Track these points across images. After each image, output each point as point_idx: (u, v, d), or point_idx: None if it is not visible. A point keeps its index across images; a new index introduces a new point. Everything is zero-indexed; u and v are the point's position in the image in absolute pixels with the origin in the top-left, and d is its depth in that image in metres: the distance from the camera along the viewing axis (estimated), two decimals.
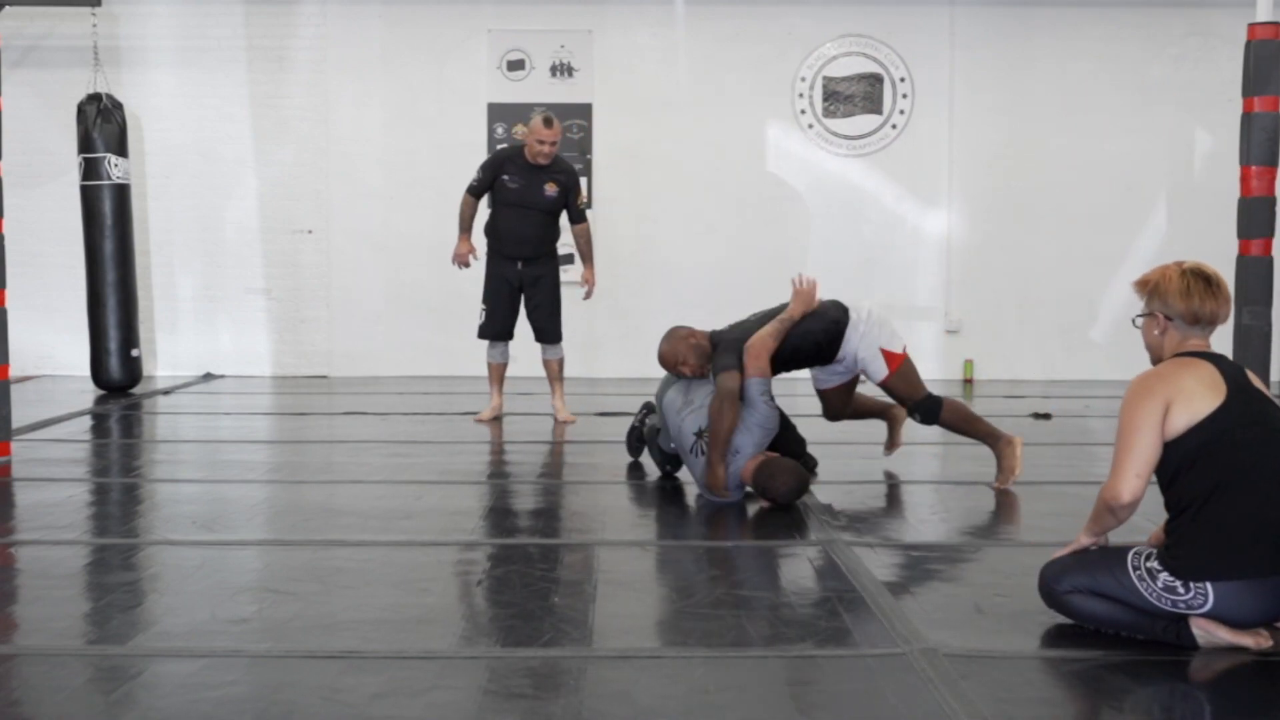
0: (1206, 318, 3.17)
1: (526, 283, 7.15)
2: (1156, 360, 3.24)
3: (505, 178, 7.01)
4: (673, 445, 5.18)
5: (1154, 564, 3.11)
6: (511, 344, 7.33)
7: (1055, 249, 9.66)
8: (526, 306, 7.21)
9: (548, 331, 7.21)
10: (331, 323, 9.73)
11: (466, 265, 7.23)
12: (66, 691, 2.82)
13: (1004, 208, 9.68)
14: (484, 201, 7.20)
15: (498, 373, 7.31)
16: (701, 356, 5.16)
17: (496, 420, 7.21)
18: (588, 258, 7.32)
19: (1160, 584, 3.08)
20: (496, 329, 7.20)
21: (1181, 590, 3.06)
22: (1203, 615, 3.08)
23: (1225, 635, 3.08)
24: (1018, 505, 4.92)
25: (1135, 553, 3.18)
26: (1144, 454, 3.07)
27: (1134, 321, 3.32)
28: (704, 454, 4.87)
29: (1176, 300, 3.16)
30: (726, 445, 4.78)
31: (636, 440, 5.79)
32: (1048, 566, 3.35)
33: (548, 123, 6.94)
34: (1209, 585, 3.02)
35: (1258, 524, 3.01)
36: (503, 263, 7.15)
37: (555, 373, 7.29)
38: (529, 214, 7.05)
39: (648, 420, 5.68)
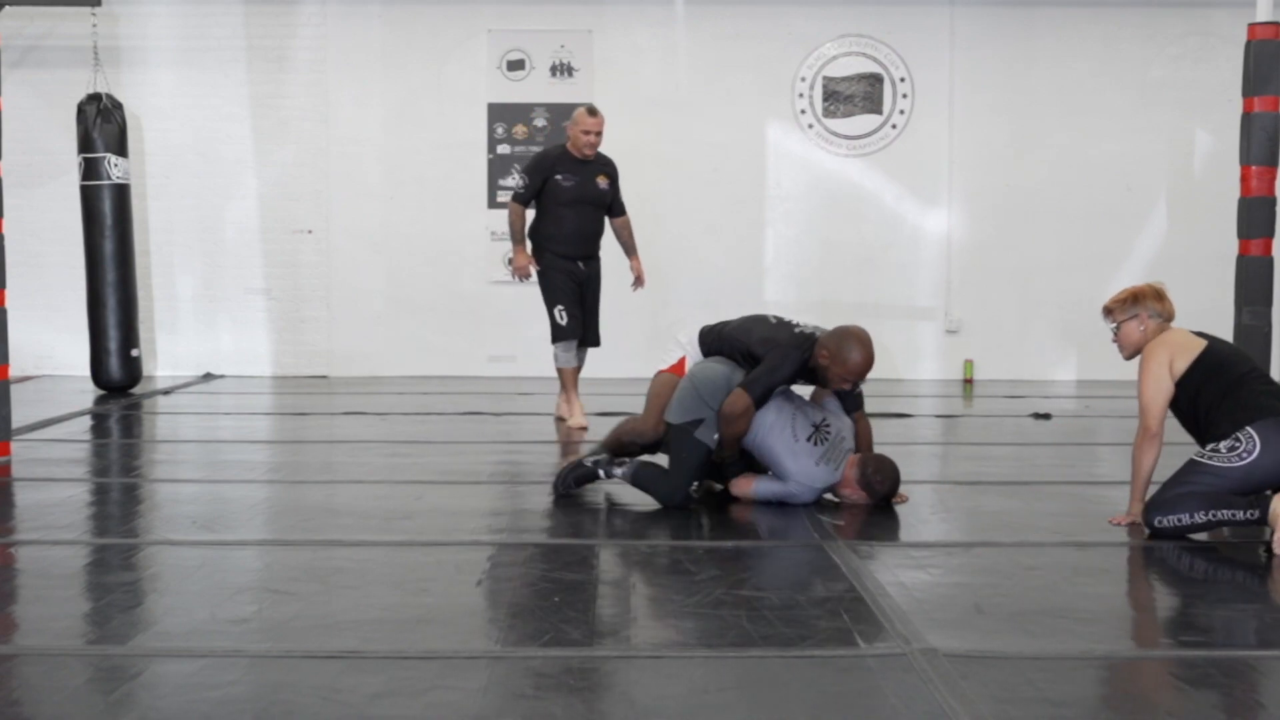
0: (1169, 314, 4.49)
1: (585, 284, 7.05)
2: (1137, 352, 4.49)
3: (559, 177, 6.88)
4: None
5: (1209, 449, 4.17)
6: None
7: (1055, 249, 9.66)
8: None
9: (596, 334, 7.13)
10: (331, 323, 9.73)
11: (528, 276, 7.07)
12: (66, 691, 2.82)
13: (1004, 208, 9.68)
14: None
15: (573, 377, 7.04)
16: None
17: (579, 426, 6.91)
18: (633, 249, 7.24)
19: (1225, 449, 4.10)
20: (578, 329, 6.97)
21: (1238, 441, 4.08)
22: (1258, 463, 4.02)
23: None
24: (1018, 505, 4.92)
25: (1195, 457, 4.22)
26: (1160, 396, 4.34)
27: (1114, 333, 4.51)
28: (823, 443, 4.77)
29: (1154, 302, 4.46)
30: None
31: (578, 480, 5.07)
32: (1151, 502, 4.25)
33: (592, 112, 6.89)
34: (1250, 429, 4.07)
35: (1266, 395, 4.17)
36: (567, 263, 6.97)
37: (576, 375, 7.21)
38: (587, 210, 6.97)
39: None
